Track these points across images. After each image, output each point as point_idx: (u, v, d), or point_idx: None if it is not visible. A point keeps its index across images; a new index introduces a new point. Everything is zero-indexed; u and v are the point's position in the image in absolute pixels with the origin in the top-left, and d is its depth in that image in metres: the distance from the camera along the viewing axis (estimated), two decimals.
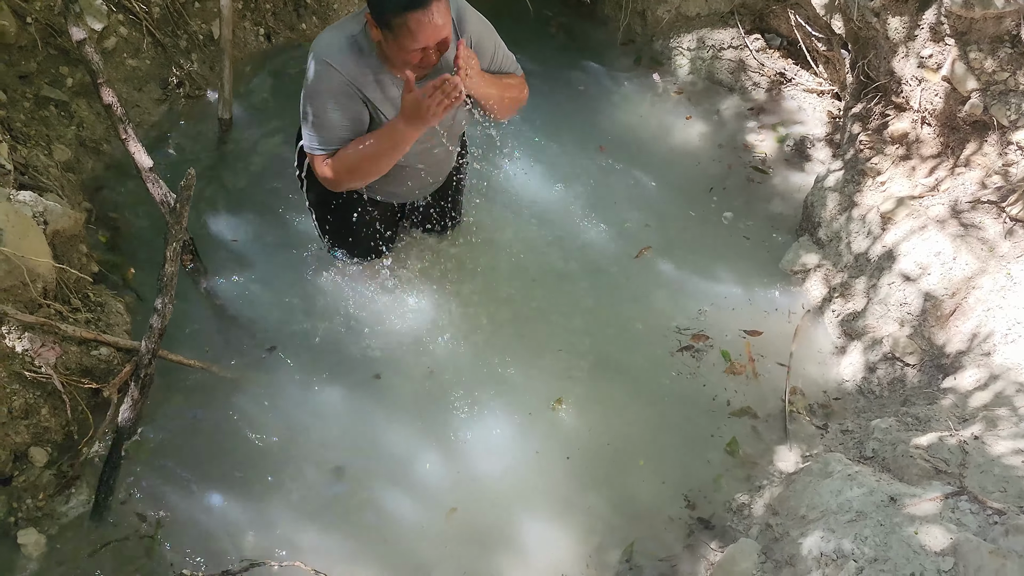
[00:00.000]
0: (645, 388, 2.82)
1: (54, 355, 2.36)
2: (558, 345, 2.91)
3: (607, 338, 2.95)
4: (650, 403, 2.78)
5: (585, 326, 2.97)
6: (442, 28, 2.05)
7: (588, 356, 2.90)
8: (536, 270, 3.13)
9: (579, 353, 2.91)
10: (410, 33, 2.02)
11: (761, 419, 2.79)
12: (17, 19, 2.88)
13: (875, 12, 3.03)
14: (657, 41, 4.07)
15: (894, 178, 3.01)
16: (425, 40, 2.05)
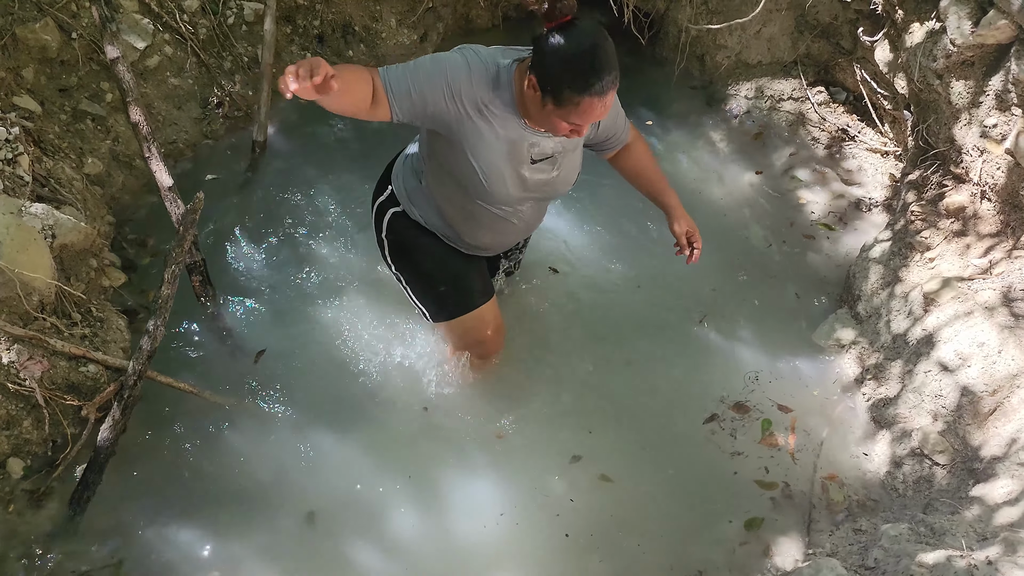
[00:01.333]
0: (666, 456, 2.66)
1: (40, 369, 2.37)
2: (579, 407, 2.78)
3: (632, 401, 2.80)
4: (671, 472, 2.63)
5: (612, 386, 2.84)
6: (604, 113, 2.02)
7: (607, 417, 2.76)
8: (578, 321, 3.01)
9: (598, 413, 2.77)
10: (578, 113, 1.99)
11: (780, 502, 2.58)
12: (62, 34, 2.96)
13: (938, 74, 2.79)
14: (715, 87, 3.89)
15: (944, 255, 2.76)
16: (588, 121, 2.04)
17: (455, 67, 2.05)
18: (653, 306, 3.08)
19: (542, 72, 1.97)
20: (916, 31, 2.88)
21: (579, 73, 1.93)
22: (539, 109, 2.04)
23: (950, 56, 2.72)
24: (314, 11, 3.55)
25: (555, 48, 1.93)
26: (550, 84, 1.96)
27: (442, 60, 2.07)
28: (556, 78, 1.95)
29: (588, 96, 1.94)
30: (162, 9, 3.21)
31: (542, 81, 1.97)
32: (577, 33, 1.93)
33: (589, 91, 1.93)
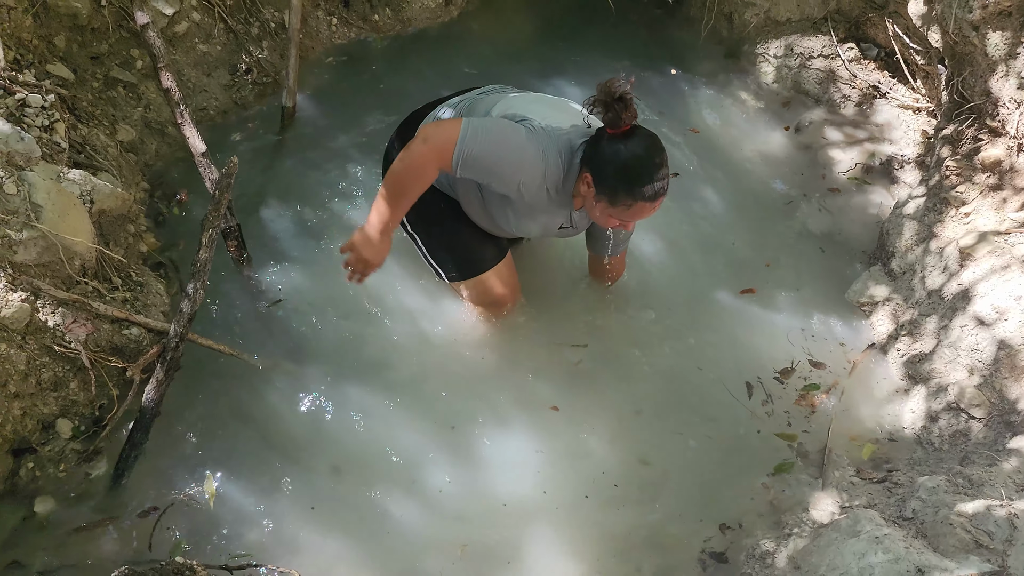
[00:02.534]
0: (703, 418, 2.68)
1: (85, 331, 2.42)
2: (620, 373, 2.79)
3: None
4: (702, 431, 2.64)
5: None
6: (651, 214, 2.22)
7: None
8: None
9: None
10: (629, 213, 2.18)
11: (806, 457, 2.59)
12: (92, 1, 2.97)
13: (974, 25, 2.75)
14: (743, 46, 3.85)
15: (980, 210, 2.73)
16: (636, 220, 2.25)
17: (532, 168, 2.20)
18: (691, 272, 3.07)
19: (599, 174, 2.15)
20: None
21: (635, 180, 2.10)
22: (592, 203, 2.22)
23: (987, 7, 2.68)
24: None
25: (614, 155, 2.11)
26: (606, 186, 2.14)
27: (523, 160, 2.18)
28: (612, 182, 2.13)
29: (641, 201, 2.13)
30: None
31: (598, 181, 2.15)
32: (636, 142, 2.11)
33: (642, 197, 2.12)
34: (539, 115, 2.27)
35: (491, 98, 2.46)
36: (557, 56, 3.86)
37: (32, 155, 2.46)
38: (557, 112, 2.33)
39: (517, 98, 2.43)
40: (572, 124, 2.29)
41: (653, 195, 2.13)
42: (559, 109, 2.37)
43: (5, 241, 2.27)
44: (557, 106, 2.41)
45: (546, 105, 2.39)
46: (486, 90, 2.60)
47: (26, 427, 2.33)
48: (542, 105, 2.38)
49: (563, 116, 2.31)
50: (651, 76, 3.81)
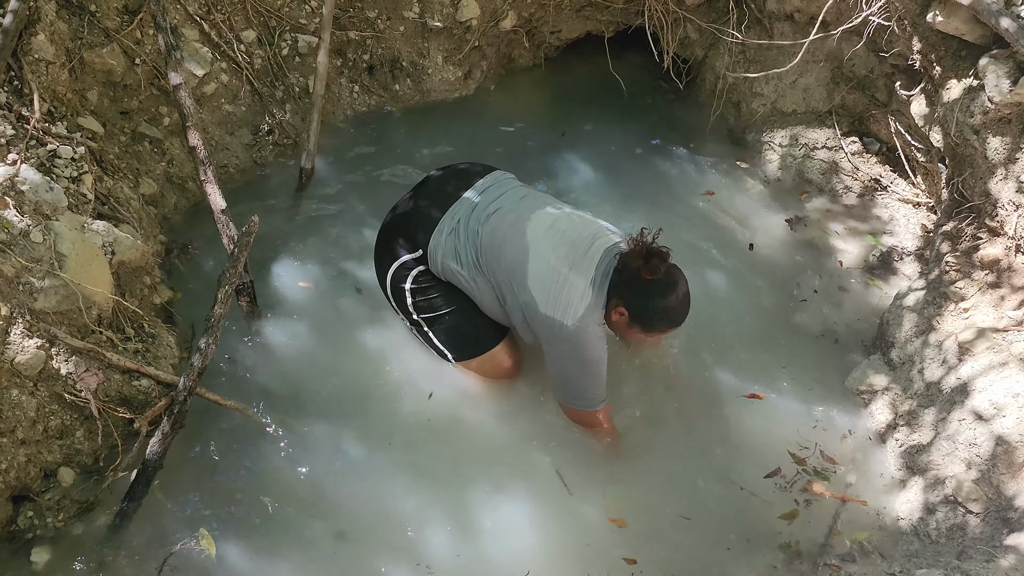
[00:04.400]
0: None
1: (96, 381, 2.44)
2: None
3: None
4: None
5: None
6: None
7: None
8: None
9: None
10: (659, 334, 2.64)
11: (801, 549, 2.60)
12: (127, 59, 3.08)
13: (975, 129, 2.86)
14: (749, 133, 3.98)
15: (979, 306, 2.80)
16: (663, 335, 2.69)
17: (602, 346, 2.56)
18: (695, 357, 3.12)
19: (638, 311, 2.48)
20: (953, 87, 2.96)
21: (672, 316, 2.51)
22: (623, 328, 2.56)
23: (987, 113, 2.79)
24: (364, 46, 3.67)
25: (654, 302, 2.46)
26: (643, 320, 2.50)
27: (596, 356, 2.56)
28: (652, 318, 2.50)
29: (674, 327, 2.56)
30: (221, 39, 3.32)
31: (635, 316, 2.49)
32: (678, 290, 2.47)
33: (676, 325, 2.55)
34: (571, 301, 2.49)
35: (515, 236, 2.56)
36: (570, 133, 3.98)
37: (59, 205, 2.52)
38: (579, 274, 2.51)
39: (541, 246, 2.55)
40: (594, 269, 2.51)
41: (681, 322, 2.54)
42: (580, 264, 2.53)
43: (27, 288, 2.31)
44: (576, 257, 2.55)
45: (567, 263, 2.53)
46: (496, 186, 2.71)
47: (28, 474, 2.34)
48: (565, 266, 2.53)
49: (585, 275, 2.51)
50: (659, 156, 3.92)
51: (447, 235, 2.61)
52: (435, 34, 3.71)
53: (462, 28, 3.72)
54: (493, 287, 2.61)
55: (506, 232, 2.58)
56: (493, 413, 2.84)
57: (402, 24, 3.65)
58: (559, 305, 2.50)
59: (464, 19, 3.67)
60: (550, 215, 2.63)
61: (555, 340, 2.55)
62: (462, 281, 2.65)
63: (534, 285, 2.52)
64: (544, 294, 2.51)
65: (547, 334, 2.55)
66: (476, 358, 2.82)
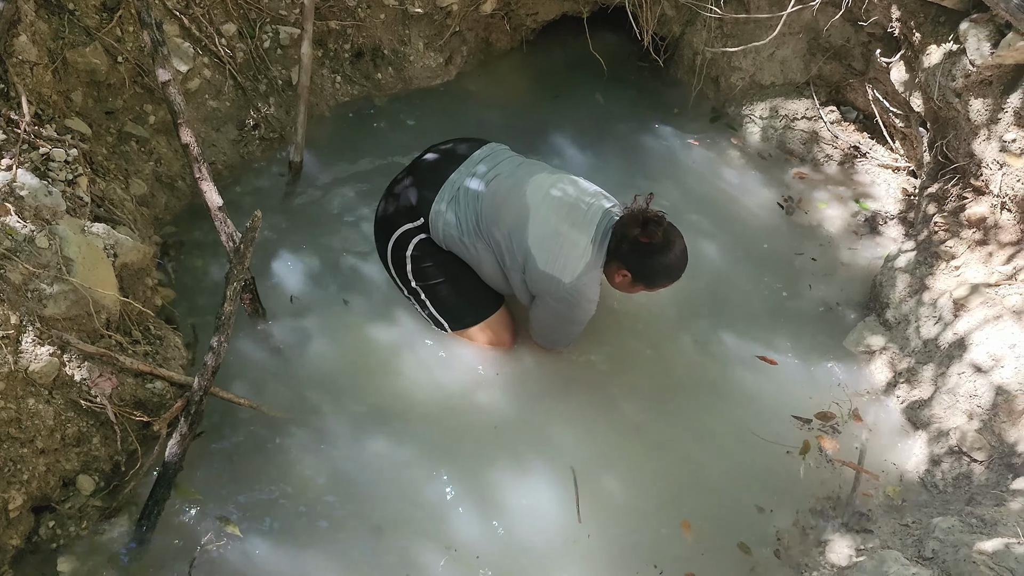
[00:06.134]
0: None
1: (110, 386, 2.40)
2: (632, 418, 2.85)
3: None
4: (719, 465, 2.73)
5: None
6: None
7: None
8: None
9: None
10: (661, 288, 2.70)
11: (823, 498, 2.68)
12: (109, 57, 3.01)
13: (957, 93, 2.95)
14: (730, 107, 4.04)
15: (969, 263, 2.90)
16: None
17: (592, 306, 2.69)
18: (699, 322, 3.18)
19: (640, 272, 2.60)
20: (934, 52, 3.04)
21: (673, 272, 2.62)
22: (627, 287, 2.68)
23: (969, 76, 2.88)
24: (345, 35, 3.63)
25: (654, 262, 2.57)
26: (646, 278, 2.63)
27: (586, 311, 2.70)
28: (653, 276, 2.62)
29: (676, 281, 2.66)
30: (202, 33, 3.26)
31: (638, 276, 2.61)
32: (675, 249, 2.57)
33: (675, 279, 2.65)
34: (570, 257, 2.59)
35: (515, 198, 2.65)
36: (552, 113, 4.00)
37: (58, 209, 2.46)
38: (579, 232, 2.61)
39: (542, 209, 2.64)
40: (594, 229, 2.62)
41: (680, 276, 2.65)
42: (579, 223, 2.63)
43: (36, 295, 2.26)
44: (576, 217, 2.64)
45: (567, 221, 2.63)
46: (492, 155, 2.80)
47: (48, 484, 2.30)
48: (565, 224, 2.62)
49: (585, 233, 2.61)
50: (642, 133, 3.96)
51: (448, 202, 2.69)
52: (416, 20, 3.69)
53: (442, 14, 3.71)
54: (493, 251, 2.69)
55: (505, 195, 2.66)
56: (508, 394, 2.86)
57: (383, 12, 3.62)
58: (558, 263, 2.60)
59: (444, 4, 3.66)
60: (548, 179, 2.73)
61: (550, 296, 2.66)
62: (463, 249, 2.71)
63: (535, 244, 2.61)
64: (544, 253, 2.61)
65: (543, 289, 2.65)
66: (472, 327, 2.89)
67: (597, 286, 2.68)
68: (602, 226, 2.64)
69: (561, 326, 2.78)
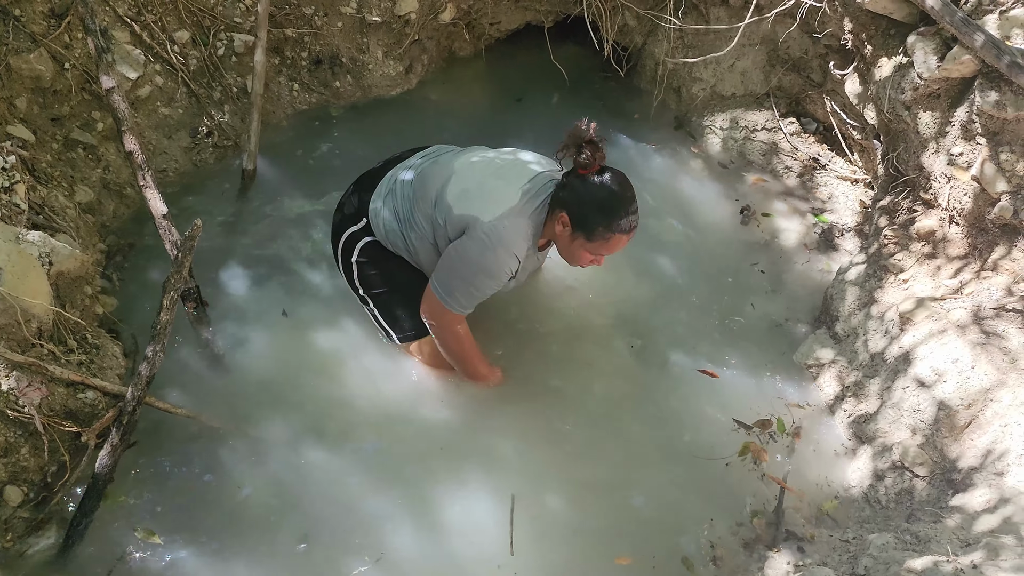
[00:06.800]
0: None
1: (39, 395, 2.37)
2: (573, 427, 2.82)
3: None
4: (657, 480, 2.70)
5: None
6: (623, 246, 2.37)
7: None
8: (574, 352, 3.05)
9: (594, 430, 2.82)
10: (606, 246, 2.34)
11: (758, 515, 2.66)
12: (55, 64, 2.99)
13: (906, 105, 2.94)
14: (691, 117, 4.03)
15: (917, 277, 2.89)
16: (611, 252, 2.38)
17: (508, 266, 2.41)
18: (650, 331, 3.15)
19: (576, 212, 2.29)
20: (884, 65, 3.04)
21: (612, 213, 2.26)
22: (568, 243, 2.36)
23: (917, 88, 2.87)
24: (302, 43, 3.62)
25: (591, 193, 2.26)
26: (583, 222, 2.29)
27: (494, 270, 2.40)
28: (591, 219, 2.28)
29: (618, 233, 2.29)
30: (153, 40, 3.25)
31: (576, 220, 2.30)
32: (610, 179, 2.28)
33: (619, 229, 2.28)
34: (491, 198, 2.39)
35: (442, 170, 2.55)
36: (514, 123, 3.98)
37: None
38: (507, 182, 2.44)
39: (467, 170, 2.51)
40: (527, 181, 2.42)
41: (628, 227, 2.30)
42: (508, 175, 2.47)
43: None
44: (506, 172, 2.49)
45: (494, 175, 2.48)
46: (435, 151, 2.73)
47: None
48: (491, 178, 2.48)
49: (514, 184, 2.42)
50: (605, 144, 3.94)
51: (384, 197, 2.63)
52: (374, 29, 3.68)
53: (401, 22, 3.70)
54: (428, 239, 2.54)
55: (433, 171, 2.56)
56: (452, 408, 2.83)
57: (340, 20, 3.61)
58: (476, 204, 2.39)
59: (402, 13, 3.64)
60: (483, 153, 2.60)
61: (463, 236, 2.39)
62: (405, 245, 2.62)
63: (454, 198, 2.43)
64: (463, 201, 2.41)
65: (458, 233, 2.41)
66: (419, 340, 2.80)
67: (522, 242, 2.38)
68: (539, 181, 2.42)
69: (462, 271, 2.40)
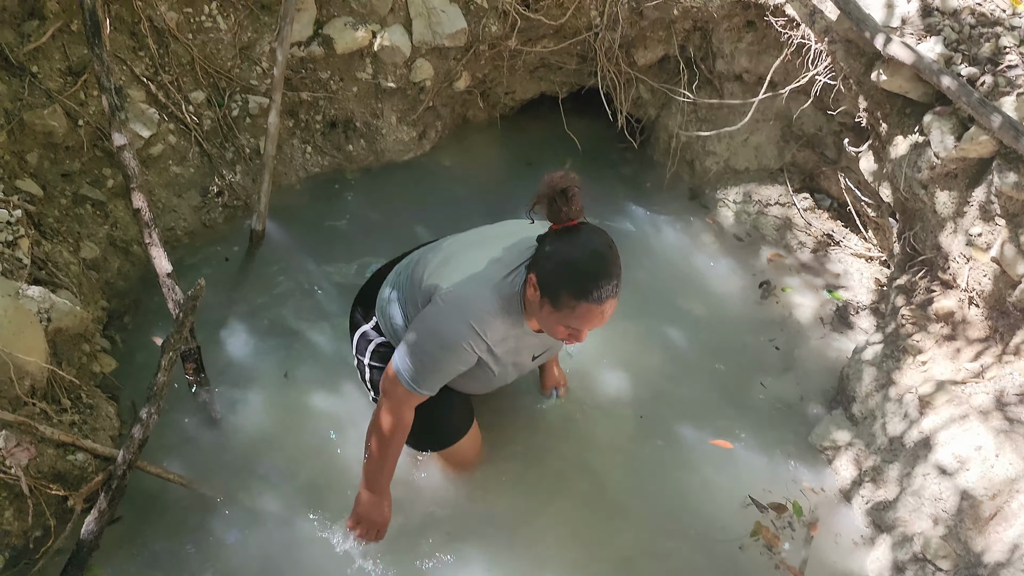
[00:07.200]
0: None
1: (27, 456, 2.29)
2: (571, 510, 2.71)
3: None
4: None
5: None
6: (603, 321, 2.01)
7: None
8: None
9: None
10: (575, 317, 1.98)
11: None
12: (69, 120, 2.99)
13: (923, 184, 2.91)
14: (704, 190, 4.01)
15: (936, 359, 2.80)
16: (585, 327, 2.02)
17: (471, 344, 2.12)
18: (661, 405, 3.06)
19: (542, 274, 1.99)
20: (900, 143, 3.01)
21: (577, 279, 1.92)
22: (538, 310, 2.04)
23: (934, 168, 2.84)
24: (317, 107, 3.63)
25: (556, 252, 1.97)
26: (549, 287, 1.97)
27: (452, 344, 2.12)
28: (555, 282, 1.95)
29: (586, 302, 1.93)
30: (169, 100, 3.26)
31: (541, 282, 1.99)
32: (581, 239, 1.95)
33: (587, 297, 1.92)
34: (456, 267, 2.19)
35: (434, 249, 2.38)
36: (524, 187, 3.93)
37: None
38: (480, 250, 2.22)
39: (452, 244, 2.34)
40: (502, 249, 2.17)
41: (599, 297, 1.92)
42: (487, 244, 2.24)
43: None
44: (486, 241, 2.27)
45: (474, 245, 2.28)
46: (427, 250, 2.47)
47: None
48: (469, 247, 2.27)
49: (487, 251, 2.19)
50: (615, 211, 3.91)
51: (389, 290, 2.46)
52: (388, 95, 3.70)
53: (416, 89, 3.71)
54: None
55: (428, 253, 2.38)
56: (453, 483, 2.72)
57: (355, 85, 3.63)
58: (442, 272, 2.19)
59: (418, 80, 3.66)
60: (481, 229, 2.39)
61: (423, 309, 2.19)
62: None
63: (430, 273, 2.24)
64: (434, 272, 2.22)
65: (425, 305, 2.20)
66: (440, 452, 2.64)
67: (486, 315, 2.10)
68: (517, 248, 2.14)
69: (419, 341, 2.15)
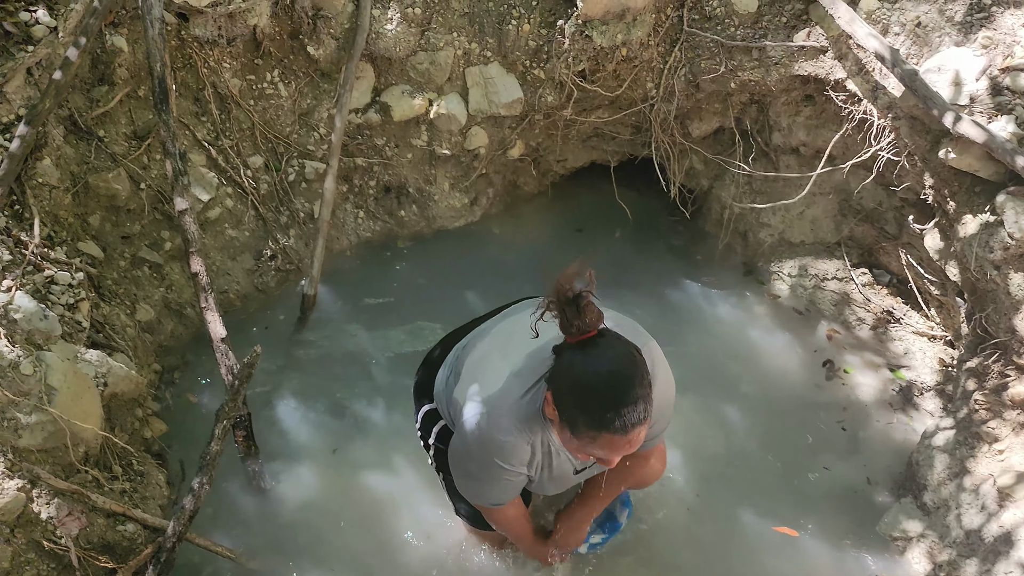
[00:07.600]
0: None
1: (78, 526, 2.24)
2: None
3: None
4: None
5: None
6: (634, 447, 1.74)
7: None
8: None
9: None
10: (597, 448, 1.72)
11: None
12: (132, 183, 3.02)
13: (995, 265, 2.82)
14: (758, 263, 3.94)
15: (1014, 447, 2.68)
16: (611, 456, 1.76)
17: (515, 450, 1.93)
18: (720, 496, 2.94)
19: (558, 395, 1.74)
20: (970, 222, 2.93)
21: (595, 406, 1.67)
22: (559, 432, 1.79)
23: (1008, 248, 2.75)
24: (371, 172, 3.64)
25: (571, 369, 1.70)
26: (566, 411, 1.72)
27: (498, 481, 2.00)
28: (571, 407, 1.71)
29: (607, 433, 1.67)
30: (228, 164, 3.28)
31: (558, 404, 1.74)
32: (599, 356, 1.68)
33: (607, 428, 1.66)
34: (477, 381, 1.98)
35: (477, 336, 2.20)
36: (573, 256, 3.86)
37: (53, 333, 2.39)
38: (503, 359, 1.98)
39: (490, 338, 2.13)
40: (524, 357, 1.93)
41: (622, 427, 1.65)
42: (511, 350, 1.99)
43: (11, 424, 2.15)
44: (513, 343, 2.00)
45: (499, 349, 2.05)
46: (507, 310, 2.30)
47: None
48: (494, 353, 2.05)
49: (508, 362, 1.96)
50: (666, 283, 3.85)
51: (445, 376, 2.21)
52: (442, 161, 3.70)
53: (470, 156, 3.72)
54: None
55: (473, 339, 2.18)
56: (501, 559, 2.63)
57: (410, 151, 3.64)
58: (464, 386, 1.99)
59: (472, 147, 3.67)
60: (521, 312, 2.13)
61: (453, 444, 2.05)
62: None
63: (463, 376, 2.05)
64: (463, 379, 2.04)
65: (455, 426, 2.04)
66: (475, 528, 2.50)
67: (512, 442, 1.90)
68: (539, 355, 1.87)
69: (463, 468, 2.04)
